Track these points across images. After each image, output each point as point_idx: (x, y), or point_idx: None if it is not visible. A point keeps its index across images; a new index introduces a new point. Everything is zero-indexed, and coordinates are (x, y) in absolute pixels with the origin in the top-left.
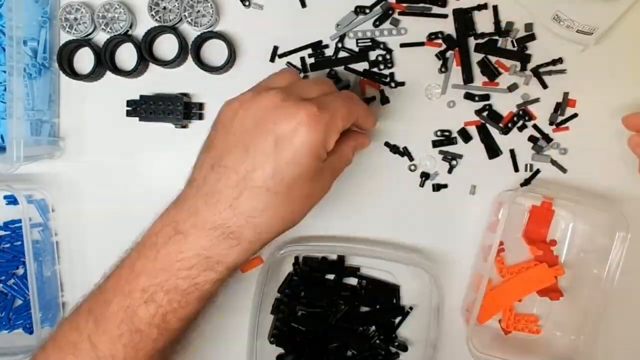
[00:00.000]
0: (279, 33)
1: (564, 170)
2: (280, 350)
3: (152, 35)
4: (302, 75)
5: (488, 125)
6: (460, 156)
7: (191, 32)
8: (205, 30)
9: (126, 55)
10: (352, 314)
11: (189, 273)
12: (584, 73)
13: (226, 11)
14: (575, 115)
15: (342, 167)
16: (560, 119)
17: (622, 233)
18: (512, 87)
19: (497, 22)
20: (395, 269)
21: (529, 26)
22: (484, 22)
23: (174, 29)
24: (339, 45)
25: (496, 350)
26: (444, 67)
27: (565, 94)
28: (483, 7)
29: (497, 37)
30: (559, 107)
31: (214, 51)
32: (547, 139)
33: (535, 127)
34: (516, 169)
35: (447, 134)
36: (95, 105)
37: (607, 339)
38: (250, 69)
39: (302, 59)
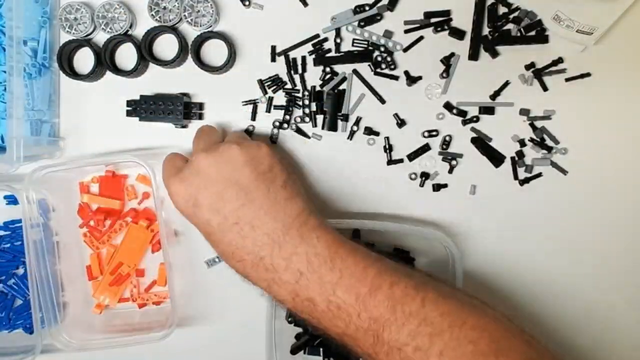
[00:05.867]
0: (279, 33)
1: (564, 172)
2: (299, 330)
3: (152, 35)
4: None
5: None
6: (461, 155)
7: (191, 32)
8: (205, 30)
9: (126, 55)
10: None
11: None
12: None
13: (226, 11)
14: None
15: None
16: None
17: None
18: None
19: (496, 22)
20: (408, 245)
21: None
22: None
23: (174, 29)
24: (337, 40)
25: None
26: (446, 73)
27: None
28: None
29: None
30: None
31: (214, 51)
32: (547, 147)
33: (534, 141)
34: (516, 177)
35: (434, 133)
36: (95, 105)
37: (607, 339)
38: (250, 69)
39: (303, 57)
